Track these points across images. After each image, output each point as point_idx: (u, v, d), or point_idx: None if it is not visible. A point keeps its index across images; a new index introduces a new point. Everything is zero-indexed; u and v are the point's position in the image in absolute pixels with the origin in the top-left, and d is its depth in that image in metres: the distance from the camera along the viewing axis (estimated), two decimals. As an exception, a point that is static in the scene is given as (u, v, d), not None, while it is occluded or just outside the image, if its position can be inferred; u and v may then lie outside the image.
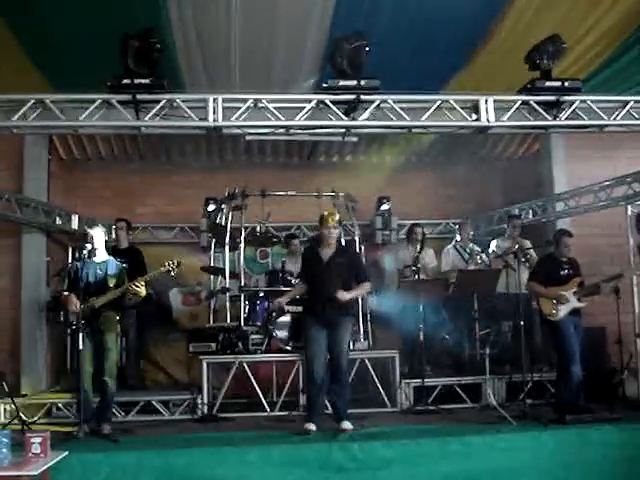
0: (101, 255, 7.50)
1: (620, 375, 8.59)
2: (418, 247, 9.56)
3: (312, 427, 7.19)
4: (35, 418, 8.03)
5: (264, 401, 8.52)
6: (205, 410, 8.30)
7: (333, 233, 7.37)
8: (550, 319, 7.91)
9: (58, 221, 10.21)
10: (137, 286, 7.25)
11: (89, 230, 7.55)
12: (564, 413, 7.42)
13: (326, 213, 7.49)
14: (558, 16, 7.24)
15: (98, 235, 7.48)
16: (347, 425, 7.19)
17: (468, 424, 7.55)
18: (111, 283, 7.35)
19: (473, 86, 7.90)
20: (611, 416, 7.47)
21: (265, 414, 8.37)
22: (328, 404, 7.53)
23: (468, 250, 10.36)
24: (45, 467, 5.28)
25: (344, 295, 7.13)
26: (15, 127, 7.02)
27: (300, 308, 8.38)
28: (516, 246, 8.97)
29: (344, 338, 7.30)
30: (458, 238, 10.53)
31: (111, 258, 7.59)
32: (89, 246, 7.36)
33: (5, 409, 8.12)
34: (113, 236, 10.27)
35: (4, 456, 5.15)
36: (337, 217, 7.49)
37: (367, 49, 6.85)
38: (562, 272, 8.03)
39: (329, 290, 7.19)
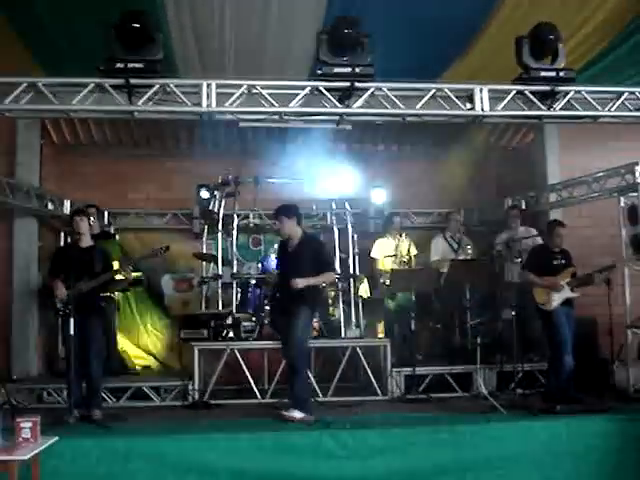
0: (87, 240, 7.52)
1: (611, 366, 8.62)
2: (398, 237, 9.63)
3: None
4: (26, 403, 8.03)
5: (255, 388, 8.53)
6: (196, 397, 8.31)
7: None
8: (543, 308, 7.93)
9: (50, 206, 10.15)
10: (124, 270, 7.29)
11: (75, 216, 7.56)
12: (553, 402, 7.47)
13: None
14: (554, 7, 7.23)
15: (83, 221, 7.49)
16: (293, 414, 7.16)
17: (459, 413, 7.58)
18: (97, 268, 7.36)
19: (468, 75, 7.89)
20: (601, 406, 7.51)
21: (256, 401, 8.39)
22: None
23: (457, 240, 10.39)
24: (35, 452, 5.28)
25: (296, 282, 7.18)
26: (7, 110, 6.99)
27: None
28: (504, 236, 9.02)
29: (298, 326, 7.30)
30: (447, 229, 10.57)
31: (97, 244, 7.61)
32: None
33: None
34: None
35: (-6, 440, 5.15)
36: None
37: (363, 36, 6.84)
38: (555, 262, 8.09)
39: (288, 279, 7.28)
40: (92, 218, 9.26)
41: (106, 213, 10.76)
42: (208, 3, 7.07)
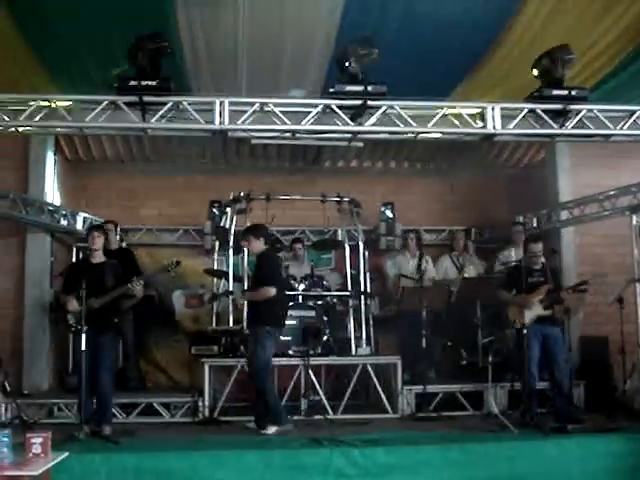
0: (99, 256, 7.55)
1: (623, 385, 8.57)
2: (417, 254, 9.62)
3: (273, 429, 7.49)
4: (36, 418, 8.04)
5: (265, 405, 8.50)
6: (206, 413, 8.31)
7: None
8: (515, 326, 7.90)
9: (62, 221, 10.20)
10: (135, 286, 7.30)
11: (92, 232, 7.61)
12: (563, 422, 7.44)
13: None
14: (566, 25, 7.24)
15: (100, 237, 7.54)
16: (269, 430, 7.47)
17: (469, 432, 7.54)
18: (109, 284, 7.39)
19: (480, 94, 7.90)
20: (613, 426, 7.46)
21: (266, 418, 8.36)
22: None
23: (461, 260, 10.40)
24: (46, 467, 5.26)
25: (237, 296, 7.75)
26: (21, 126, 7.04)
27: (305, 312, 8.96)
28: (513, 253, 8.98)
29: (251, 345, 7.72)
30: (454, 248, 10.62)
31: (108, 260, 7.66)
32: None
33: (7, 409, 8.12)
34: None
35: (4, 456, 5.13)
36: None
37: (376, 55, 6.86)
38: (531, 279, 8.03)
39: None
40: (110, 234, 9.37)
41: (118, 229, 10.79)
42: (222, 22, 7.11)
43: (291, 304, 9.07)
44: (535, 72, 7.26)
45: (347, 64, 6.92)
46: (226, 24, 7.11)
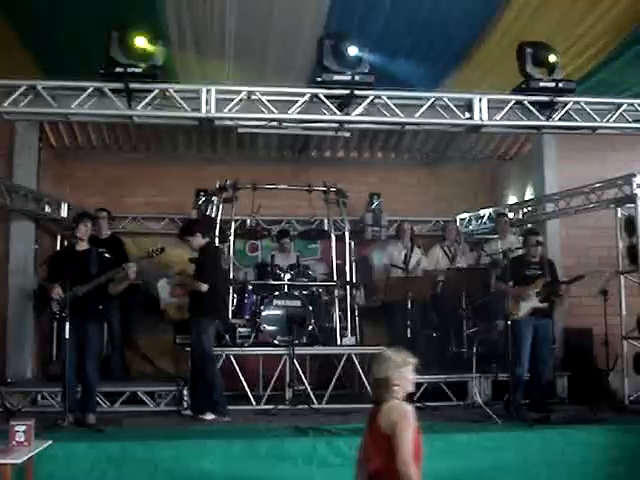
0: (83, 244, 7.53)
1: (606, 376, 8.63)
2: (409, 245, 9.61)
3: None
4: (20, 406, 8.01)
5: (250, 394, 8.50)
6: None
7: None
8: (511, 317, 7.94)
9: (47, 209, 10.13)
10: (129, 267, 7.30)
11: (80, 220, 7.57)
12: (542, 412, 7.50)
13: None
14: (553, 18, 7.25)
15: (87, 226, 7.51)
16: (205, 416, 7.71)
17: (454, 422, 7.57)
18: (93, 272, 7.35)
19: (467, 86, 7.90)
20: (596, 417, 7.51)
21: (251, 407, 8.36)
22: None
23: (453, 250, 10.42)
24: (29, 456, 5.25)
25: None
26: (6, 113, 6.99)
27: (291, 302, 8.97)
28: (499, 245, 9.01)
29: (194, 334, 7.87)
30: (445, 238, 10.63)
31: (92, 247, 7.61)
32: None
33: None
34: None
35: (-13, 444, 5.13)
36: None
37: (351, 47, 6.85)
38: (528, 272, 8.06)
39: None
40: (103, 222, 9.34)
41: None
42: (208, 9, 7.06)
43: (276, 294, 9.10)
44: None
45: (335, 53, 6.89)
46: (213, 9, 7.05)
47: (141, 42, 6.65)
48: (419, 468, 3.80)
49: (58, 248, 10.47)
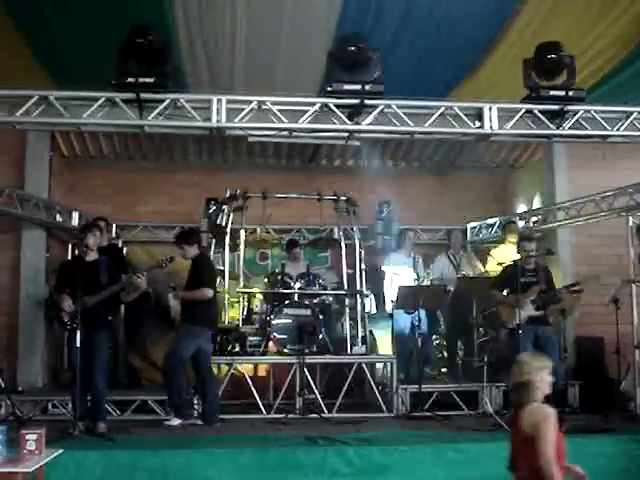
0: (92, 254, 7.55)
1: (617, 385, 8.58)
2: (412, 253, 9.62)
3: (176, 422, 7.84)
4: (30, 415, 8.03)
5: (260, 403, 8.50)
6: (201, 411, 8.28)
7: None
8: (507, 326, 7.88)
9: (58, 218, 10.19)
10: (139, 277, 7.32)
11: (86, 231, 7.61)
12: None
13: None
14: (564, 26, 7.23)
15: (95, 235, 7.54)
16: (171, 422, 7.82)
17: (464, 431, 7.55)
18: (103, 281, 7.38)
19: (477, 94, 7.89)
20: (607, 426, 7.47)
21: (261, 416, 8.36)
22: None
23: (458, 259, 10.41)
24: (40, 464, 5.25)
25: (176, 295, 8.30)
26: (18, 122, 7.01)
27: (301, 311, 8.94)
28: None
29: (177, 338, 8.11)
30: (451, 247, 10.63)
31: (102, 257, 7.64)
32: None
33: (1, 405, 8.12)
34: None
35: (-1, 452, 5.14)
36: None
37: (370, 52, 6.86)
38: (523, 279, 8.01)
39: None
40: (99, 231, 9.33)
41: (114, 225, 10.77)
42: (219, 18, 7.09)
43: (287, 302, 9.10)
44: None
45: (345, 63, 6.90)
46: (223, 19, 7.08)
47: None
48: (561, 469, 3.96)
49: (69, 257, 10.53)
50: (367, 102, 7.01)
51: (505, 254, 9.66)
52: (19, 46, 7.40)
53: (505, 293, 8.25)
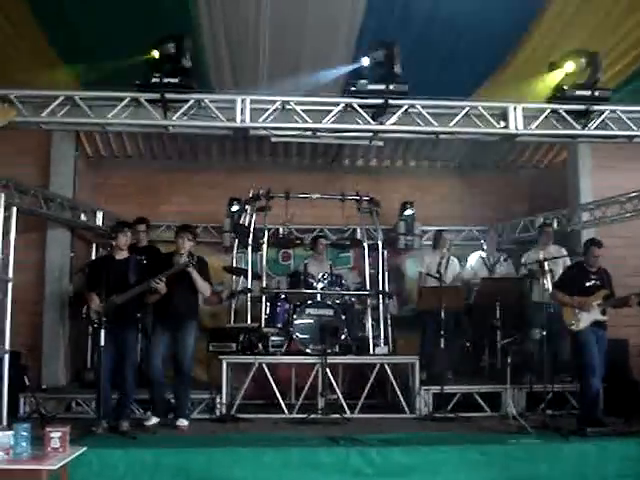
0: (122, 253, 7.58)
1: (642, 388, 8.51)
2: (447, 255, 9.52)
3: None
4: (54, 413, 8.09)
5: (282, 403, 8.52)
6: (224, 410, 8.32)
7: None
8: (571, 329, 7.81)
9: (83, 217, 10.25)
10: (157, 282, 7.31)
11: (119, 230, 7.65)
12: (585, 425, 7.34)
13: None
14: (589, 26, 7.19)
15: (126, 235, 7.59)
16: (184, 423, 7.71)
17: (487, 433, 7.52)
18: (132, 281, 7.41)
19: (502, 94, 7.86)
20: (631, 429, 7.39)
21: (283, 416, 8.37)
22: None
23: (493, 259, 10.32)
24: (64, 462, 5.29)
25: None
26: (44, 123, 7.08)
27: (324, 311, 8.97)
28: (541, 255, 8.88)
29: (192, 339, 7.90)
30: (485, 246, 10.52)
31: (132, 256, 7.66)
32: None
33: (25, 403, 8.19)
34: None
35: (24, 450, 5.15)
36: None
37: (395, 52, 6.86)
38: (588, 283, 7.88)
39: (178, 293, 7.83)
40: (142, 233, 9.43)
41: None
42: (243, 20, 7.11)
43: (309, 302, 9.10)
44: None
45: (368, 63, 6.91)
46: (247, 20, 7.11)
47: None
48: None
49: (93, 256, 10.59)
50: (391, 102, 7.01)
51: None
52: (45, 48, 7.46)
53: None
